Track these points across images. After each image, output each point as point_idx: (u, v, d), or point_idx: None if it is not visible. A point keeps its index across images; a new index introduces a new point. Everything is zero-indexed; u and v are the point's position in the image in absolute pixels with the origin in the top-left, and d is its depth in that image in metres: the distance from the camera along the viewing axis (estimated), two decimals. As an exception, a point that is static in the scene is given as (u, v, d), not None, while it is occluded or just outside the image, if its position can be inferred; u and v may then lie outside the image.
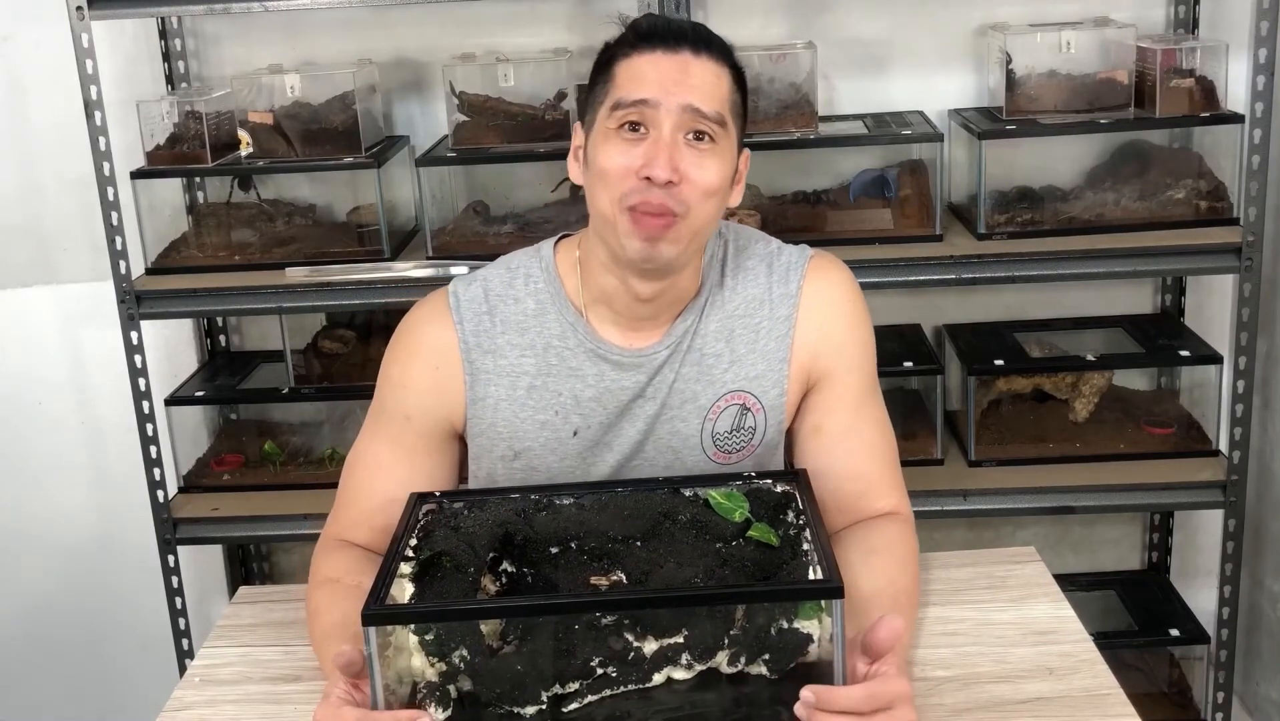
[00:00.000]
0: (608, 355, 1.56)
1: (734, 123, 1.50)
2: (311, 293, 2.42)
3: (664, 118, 1.44)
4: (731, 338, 1.57)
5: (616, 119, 1.46)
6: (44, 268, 2.80)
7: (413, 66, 2.69)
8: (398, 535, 1.35)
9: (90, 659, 3.01)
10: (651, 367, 1.56)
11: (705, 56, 1.47)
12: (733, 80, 1.51)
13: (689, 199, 1.45)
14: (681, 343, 1.57)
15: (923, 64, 2.65)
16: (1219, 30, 2.54)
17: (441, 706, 1.25)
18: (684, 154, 1.45)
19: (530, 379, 1.57)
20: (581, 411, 1.57)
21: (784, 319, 1.57)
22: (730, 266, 1.60)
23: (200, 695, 1.46)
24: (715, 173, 1.46)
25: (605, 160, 1.46)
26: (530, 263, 1.61)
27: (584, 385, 1.57)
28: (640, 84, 1.45)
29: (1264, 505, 2.70)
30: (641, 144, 1.45)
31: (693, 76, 1.46)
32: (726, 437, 1.58)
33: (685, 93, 1.44)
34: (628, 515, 1.38)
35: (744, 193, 1.60)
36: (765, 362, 1.57)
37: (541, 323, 1.57)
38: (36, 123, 2.71)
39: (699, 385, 1.57)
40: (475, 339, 1.57)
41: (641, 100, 1.44)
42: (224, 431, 2.79)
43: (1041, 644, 1.46)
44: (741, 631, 1.27)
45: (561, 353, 1.57)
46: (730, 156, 1.50)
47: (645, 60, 1.47)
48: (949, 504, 2.45)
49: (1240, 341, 2.39)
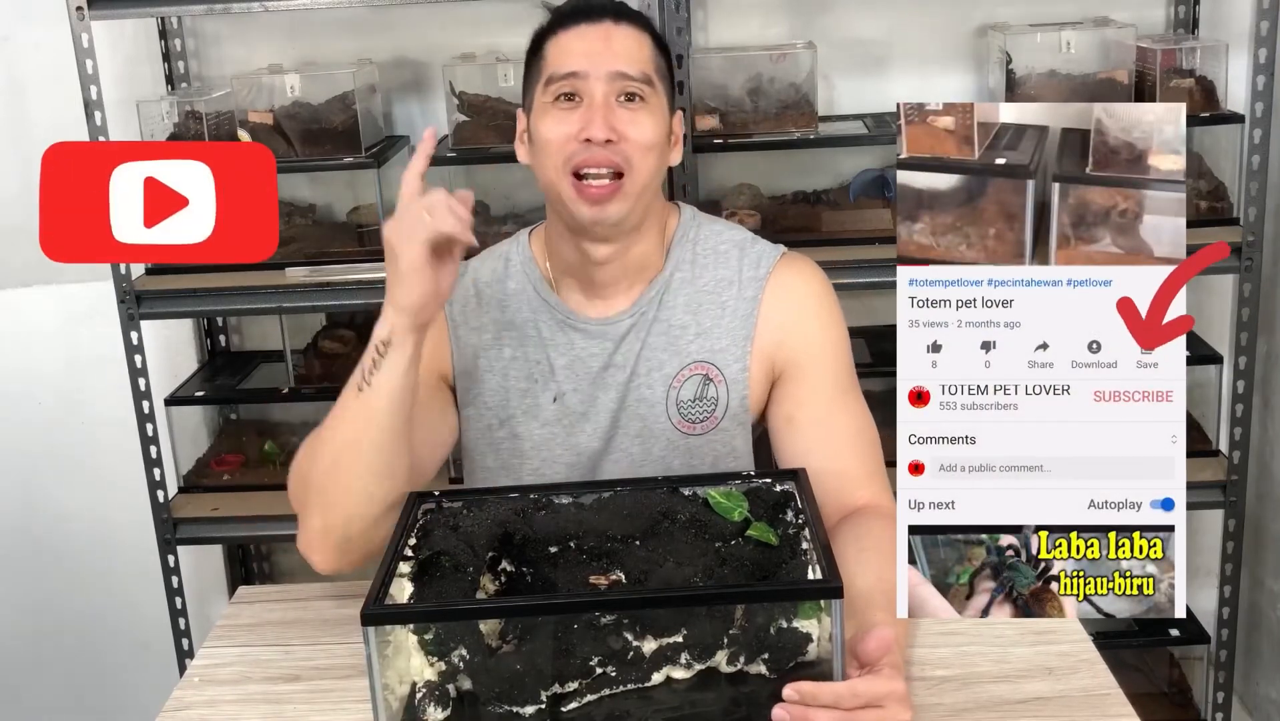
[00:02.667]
0: (575, 324, 1.65)
1: (661, 84, 1.59)
2: (311, 293, 2.42)
3: (595, 85, 1.54)
4: (699, 311, 1.64)
5: (551, 93, 1.56)
6: (44, 268, 2.76)
7: (413, 66, 2.69)
8: (397, 535, 1.35)
9: (90, 659, 3.01)
10: (616, 335, 1.64)
11: (626, 25, 1.59)
12: (654, 45, 1.61)
13: (630, 154, 1.54)
14: (647, 312, 1.64)
15: (923, 64, 2.65)
16: (1219, 30, 2.54)
17: (441, 706, 1.25)
18: (618, 114, 1.54)
19: (511, 350, 1.66)
20: (558, 379, 1.65)
21: (750, 299, 1.64)
22: (702, 247, 1.67)
23: (200, 695, 1.46)
24: (650, 128, 1.55)
25: (546, 131, 1.56)
26: (510, 247, 1.72)
27: (558, 353, 1.65)
28: (569, 57, 1.56)
29: (1264, 505, 2.70)
30: (577, 111, 1.55)
31: (616, 44, 1.56)
32: (690, 406, 1.64)
33: (611, 59, 1.55)
34: (627, 514, 1.38)
35: (743, 193, 1.62)
36: (729, 338, 1.63)
37: (519, 299, 1.67)
38: (36, 123, 2.71)
39: (665, 354, 1.64)
40: (463, 316, 1.68)
41: (572, 72, 1.55)
42: (224, 431, 2.79)
43: (1041, 644, 1.46)
44: (741, 631, 1.27)
45: (536, 324, 1.66)
46: (663, 114, 1.59)
47: (571, 35, 1.58)
48: (949, 504, 2.45)
49: (1240, 341, 2.39)
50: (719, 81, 2.51)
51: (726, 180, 2.60)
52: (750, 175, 2.59)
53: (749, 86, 2.51)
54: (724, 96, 2.51)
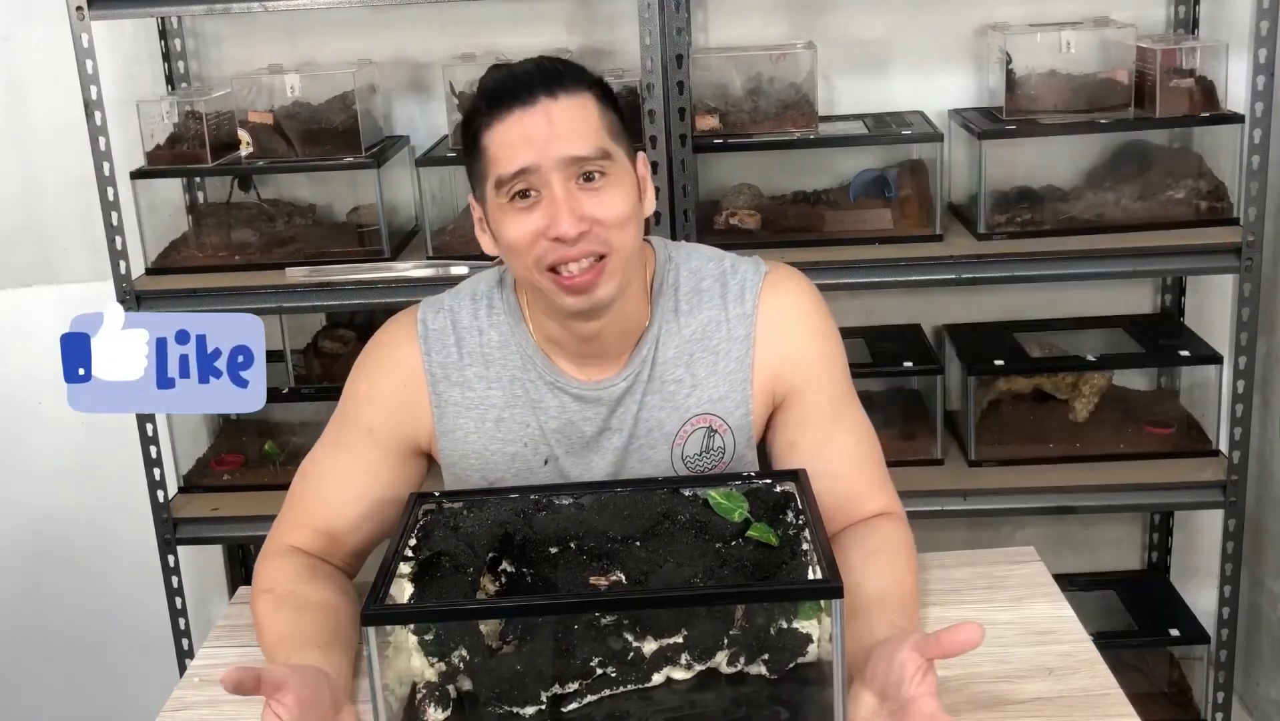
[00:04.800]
0: (567, 387, 1.56)
1: (618, 144, 1.48)
2: (311, 293, 2.42)
3: (550, 175, 1.42)
4: (691, 362, 1.57)
5: (505, 193, 1.44)
6: (44, 268, 2.80)
7: (413, 66, 2.69)
8: (397, 534, 1.35)
9: (90, 659, 3.01)
10: (611, 400, 1.56)
11: (563, 95, 1.44)
12: (599, 103, 1.47)
13: (607, 236, 1.44)
14: (641, 373, 1.56)
15: (923, 64, 2.65)
16: (1219, 30, 2.53)
17: (441, 706, 1.25)
18: (581, 201, 1.43)
19: (498, 411, 1.57)
20: (549, 442, 1.58)
21: (742, 339, 1.56)
22: (684, 292, 1.58)
23: (200, 695, 1.46)
24: (620, 202, 1.45)
25: (511, 233, 1.45)
26: (494, 292, 1.61)
27: (548, 417, 1.57)
28: (513, 152, 1.43)
29: (1264, 505, 2.70)
30: (539, 206, 1.43)
31: (560, 125, 1.42)
32: (697, 459, 1.58)
33: (559, 144, 1.42)
34: (627, 515, 1.38)
35: (743, 193, 1.60)
36: (727, 384, 1.56)
37: (504, 354, 1.57)
38: (36, 123, 2.71)
39: (663, 413, 1.57)
40: (443, 370, 1.57)
41: (521, 170, 1.42)
42: (224, 431, 2.79)
43: (1041, 644, 1.46)
44: (741, 631, 1.27)
45: (525, 385, 1.57)
46: (628, 178, 1.48)
47: (508, 125, 1.43)
48: (949, 504, 2.45)
49: (1240, 341, 2.39)
50: (719, 81, 2.51)
51: (726, 180, 2.60)
52: (750, 175, 2.59)
53: (749, 86, 2.51)
54: (724, 96, 2.51)
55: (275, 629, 1.43)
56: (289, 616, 1.44)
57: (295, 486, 1.61)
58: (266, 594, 1.49)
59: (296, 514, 1.59)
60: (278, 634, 1.42)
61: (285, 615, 1.44)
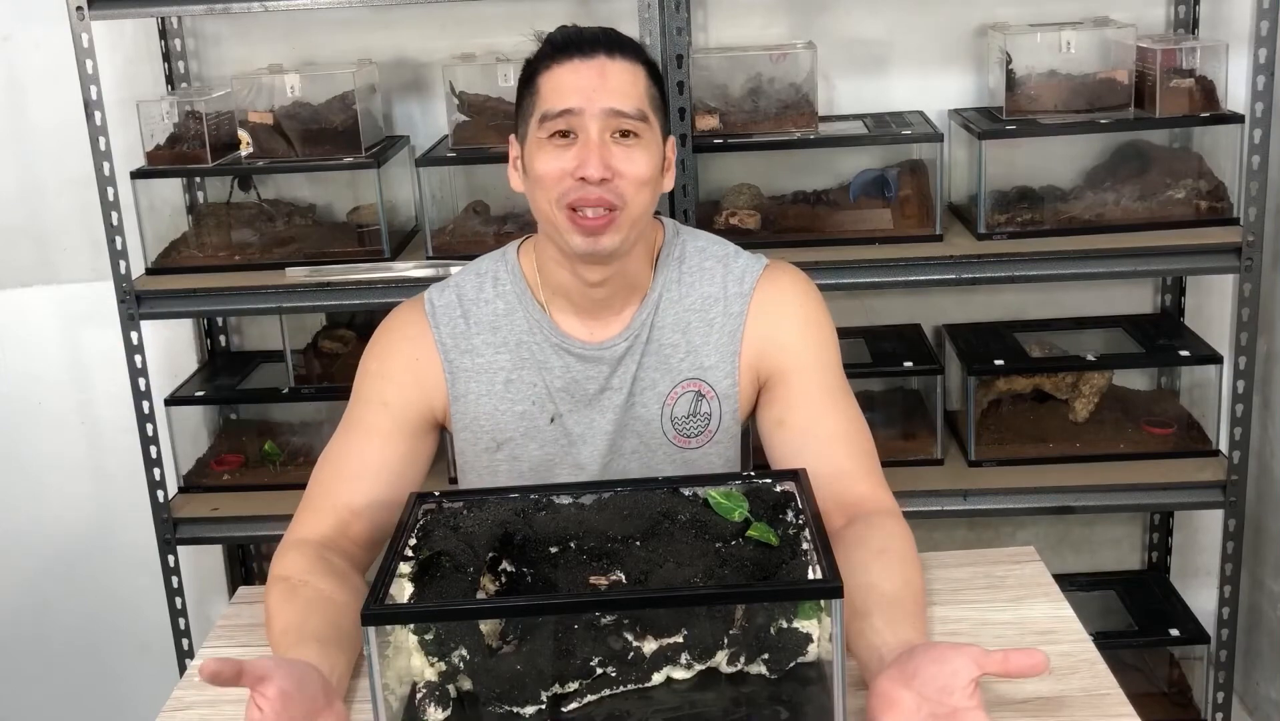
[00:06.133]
0: (571, 348, 1.66)
1: (655, 116, 1.59)
2: (311, 293, 2.42)
3: (589, 122, 1.54)
4: (687, 330, 1.67)
5: (546, 129, 1.56)
6: (44, 268, 2.80)
7: (413, 66, 2.69)
8: (397, 534, 1.35)
9: (90, 658, 3.01)
10: (613, 359, 1.66)
11: (620, 58, 1.57)
12: (648, 76, 1.60)
13: (624, 191, 1.55)
14: (640, 335, 1.66)
15: (923, 64, 2.65)
16: (1219, 30, 2.54)
17: (441, 706, 1.25)
18: (613, 151, 1.55)
19: (506, 373, 1.67)
20: (554, 400, 1.67)
21: (736, 315, 1.66)
22: (688, 265, 1.69)
23: (200, 695, 1.46)
24: (644, 164, 1.56)
25: (542, 167, 1.57)
26: (497, 266, 1.72)
27: (553, 376, 1.67)
28: (563, 94, 1.55)
29: (1264, 505, 2.70)
30: (572, 148, 1.55)
31: (610, 80, 1.55)
32: (684, 421, 1.67)
33: (606, 96, 1.54)
34: (627, 515, 1.38)
35: (743, 193, 1.63)
36: (718, 354, 1.66)
37: (511, 321, 1.68)
38: (36, 123, 2.71)
39: (657, 373, 1.67)
40: (453, 340, 1.67)
41: (567, 110, 1.54)
42: (224, 431, 2.79)
43: (1041, 644, 1.45)
44: (741, 631, 1.27)
45: (530, 347, 1.67)
46: (656, 147, 1.60)
47: (565, 70, 1.56)
48: (949, 504, 2.45)
49: (1240, 341, 2.39)
50: (719, 81, 2.51)
51: (726, 180, 2.60)
52: (750, 175, 2.59)
53: (749, 86, 2.51)
54: (724, 96, 2.51)
55: (283, 618, 1.45)
56: (298, 608, 1.45)
57: (314, 475, 1.67)
58: (282, 581, 1.51)
59: (316, 498, 1.63)
60: (284, 624, 1.44)
61: (295, 606, 1.46)
